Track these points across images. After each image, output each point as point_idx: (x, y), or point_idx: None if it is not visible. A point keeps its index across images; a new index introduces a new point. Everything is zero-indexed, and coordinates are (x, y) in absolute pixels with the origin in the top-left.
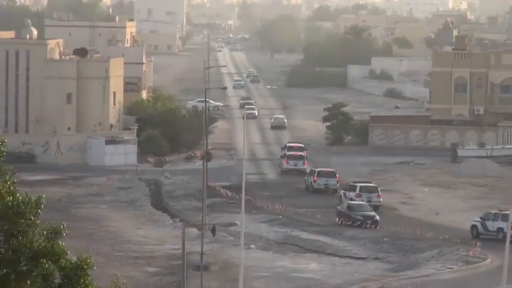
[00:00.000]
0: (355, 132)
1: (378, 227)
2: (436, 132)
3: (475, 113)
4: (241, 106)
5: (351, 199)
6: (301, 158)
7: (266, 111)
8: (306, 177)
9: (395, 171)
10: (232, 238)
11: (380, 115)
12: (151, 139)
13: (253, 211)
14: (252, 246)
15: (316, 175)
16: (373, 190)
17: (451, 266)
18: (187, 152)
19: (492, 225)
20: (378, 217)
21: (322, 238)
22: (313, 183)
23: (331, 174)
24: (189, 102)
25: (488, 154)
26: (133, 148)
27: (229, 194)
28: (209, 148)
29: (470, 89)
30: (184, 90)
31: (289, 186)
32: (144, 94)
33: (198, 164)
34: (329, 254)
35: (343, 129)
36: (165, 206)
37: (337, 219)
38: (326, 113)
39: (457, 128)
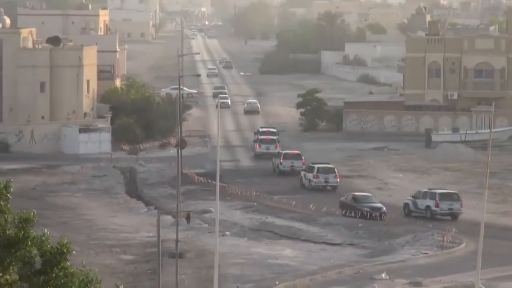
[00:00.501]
0: (329, 118)
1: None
2: (410, 118)
3: (449, 98)
4: (215, 95)
5: (310, 180)
6: (273, 142)
7: (240, 98)
8: (273, 160)
9: (370, 157)
10: (207, 225)
11: (354, 101)
12: (125, 127)
13: (228, 198)
14: (227, 233)
15: (282, 157)
16: (330, 171)
17: (426, 252)
18: (161, 139)
19: (421, 204)
20: (384, 208)
21: (297, 224)
22: (279, 165)
23: (297, 157)
24: (163, 89)
25: (462, 139)
26: (107, 136)
27: (204, 181)
28: (183, 135)
29: (444, 74)
30: (158, 78)
31: (263, 172)
32: (117, 82)
33: (172, 151)
34: (304, 240)
35: (317, 115)
36: (139, 194)
37: (342, 211)
38: (300, 99)
39: (431, 113)
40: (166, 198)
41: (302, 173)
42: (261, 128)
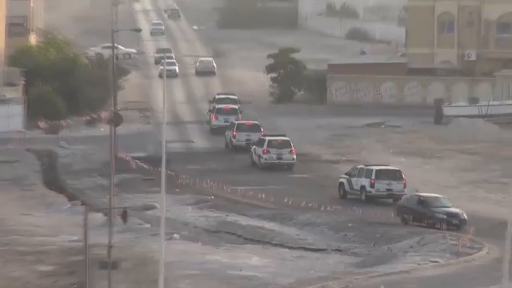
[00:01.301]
0: (309, 86)
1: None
2: (414, 85)
3: (465, 59)
4: (157, 61)
5: (259, 156)
6: (233, 112)
7: (191, 60)
8: (225, 133)
9: (362, 136)
10: (149, 226)
11: (341, 63)
12: (42, 97)
13: (177, 190)
14: (176, 235)
15: (235, 129)
16: (285, 145)
17: (435, 259)
18: (89, 113)
19: (356, 183)
20: (465, 215)
21: (267, 224)
22: (232, 139)
23: (254, 128)
24: (92, 48)
25: (483, 112)
26: (18, 109)
27: (146, 168)
28: (118, 108)
29: (459, 28)
30: (85, 33)
31: (223, 157)
32: (32, 39)
33: (103, 129)
34: (276, 245)
35: (294, 82)
36: (61, 185)
37: (400, 219)
38: (271, 61)
39: (441, 79)
40: (95, 190)
41: (252, 147)
42: (218, 94)
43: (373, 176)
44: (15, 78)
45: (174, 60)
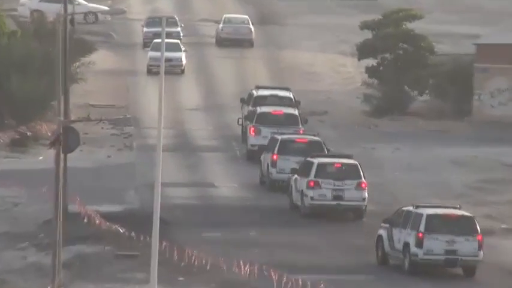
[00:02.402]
0: (440, 86)
1: None
2: None
3: None
4: (147, 43)
5: (303, 193)
6: (290, 120)
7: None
8: (261, 157)
9: None
10: None
11: (502, 43)
12: None
13: (181, 278)
14: None
15: (277, 150)
16: (349, 173)
17: None
18: (16, 126)
19: (399, 238)
20: None
21: None
22: (269, 168)
23: (312, 149)
24: (23, 1)
25: None
26: None
27: (122, 233)
28: (71, 119)
29: None
30: None
31: (270, 210)
32: None
33: (42, 157)
34: None
35: (411, 78)
36: None
37: None
38: (366, 35)
39: None
40: (25, 274)
41: (292, 178)
42: (258, 88)
43: (421, 227)
44: None
45: (180, 42)
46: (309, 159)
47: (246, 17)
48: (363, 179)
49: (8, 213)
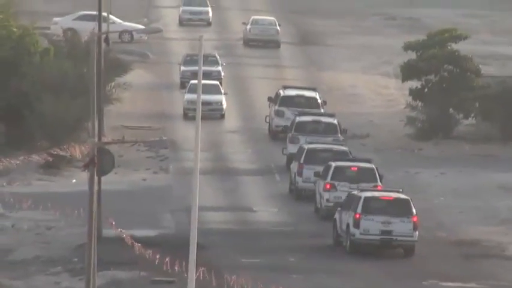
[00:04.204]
0: (487, 109)
1: None
2: None
3: None
4: (184, 84)
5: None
6: (330, 129)
7: (256, 65)
8: (291, 165)
9: None
10: None
11: None
12: None
13: None
14: None
15: (303, 159)
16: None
17: None
18: (49, 148)
19: (343, 220)
20: None
21: None
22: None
23: (338, 158)
24: (57, 20)
25: None
26: None
27: (157, 259)
28: (105, 140)
29: None
30: None
31: (309, 242)
32: None
33: (76, 180)
34: None
35: (456, 101)
36: None
37: None
38: (410, 55)
39: None
40: None
41: (318, 191)
42: (285, 88)
43: (358, 209)
44: None
45: (220, 85)
46: (332, 163)
47: (273, 18)
48: (378, 182)
49: (41, 237)
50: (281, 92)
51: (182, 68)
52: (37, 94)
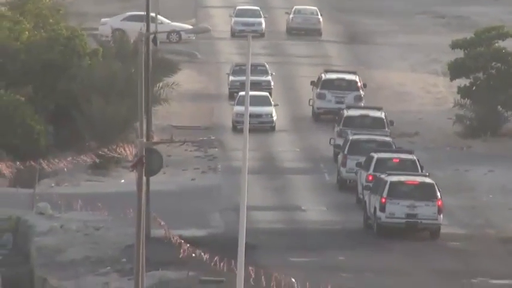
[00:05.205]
0: None
1: None
2: None
3: None
4: (233, 87)
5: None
6: (378, 123)
7: (304, 65)
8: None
9: None
10: None
11: None
12: (3, 114)
13: None
14: None
15: (347, 150)
16: (423, 191)
17: None
18: (98, 148)
19: (372, 203)
20: None
21: None
22: (340, 169)
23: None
24: (105, 20)
25: None
26: None
27: (206, 259)
28: (153, 140)
29: None
30: None
31: (359, 240)
32: None
33: (124, 180)
34: None
35: (505, 98)
36: None
37: None
38: (458, 53)
39: None
40: None
41: (359, 182)
42: (327, 72)
43: (384, 193)
44: None
45: (269, 95)
46: (372, 154)
47: (315, 8)
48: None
49: (90, 237)
50: (323, 75)
51: (231, 78)
52: (86, 95)
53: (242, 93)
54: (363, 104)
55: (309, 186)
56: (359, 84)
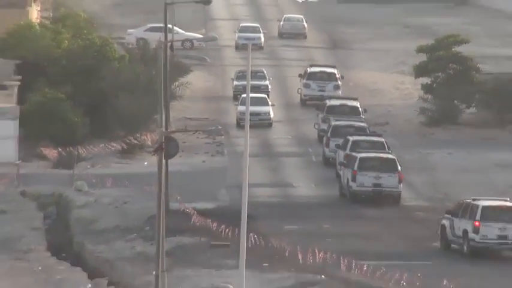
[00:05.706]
0: (485, 100)
1: None
2: None
3: None
4: (236, 91)
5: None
6: (354, 110)
7: (294, 67)
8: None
9: None
10: None
11: None
12: (48, 109)
13: (265, 264)
14: None
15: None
16: (387, 165)
17: None
18: (124, 136)
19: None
20: None
21: None
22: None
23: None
24: (131, 31)
25: None
26: (9, 128)
27: (215, 227)
28: (171, 129)
29: None
30: (119, 6)
31: (339, 205)
32: (34, 13)
33: (147, 162)
34: None
35: (459, 94)
36: (78, 252)
37: None
38: (422, 57)
39: None
40: (133, 262)
41: (338, 160)
42: (311, 66)
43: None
44: (7, 77)
45: (268, 100)
46: (347, 137)
47: (301, 16)
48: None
49: (119, 209)
50: (308, 69)
51: (235, 82)
52: (115, 93)
53: (244, 95)
54: (340, 92)
55: (299, 166)
56: (337, 75)
